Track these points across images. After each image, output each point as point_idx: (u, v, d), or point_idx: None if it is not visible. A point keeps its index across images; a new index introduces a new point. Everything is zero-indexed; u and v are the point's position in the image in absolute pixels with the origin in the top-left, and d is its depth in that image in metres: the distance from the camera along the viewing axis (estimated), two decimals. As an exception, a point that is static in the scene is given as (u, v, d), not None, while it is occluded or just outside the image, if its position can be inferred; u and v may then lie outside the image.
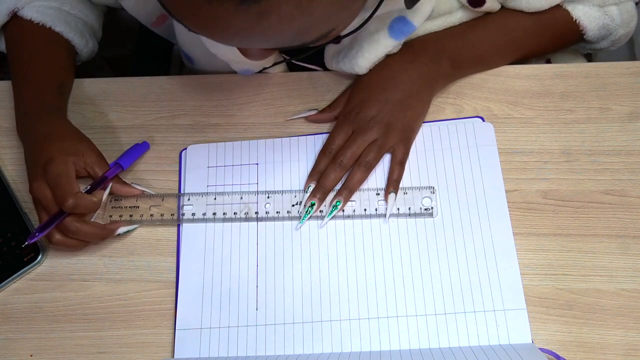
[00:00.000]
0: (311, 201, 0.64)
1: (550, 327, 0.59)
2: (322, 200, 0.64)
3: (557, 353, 0.57)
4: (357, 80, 0.69)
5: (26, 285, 0.65)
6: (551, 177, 0.65)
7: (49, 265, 0.65)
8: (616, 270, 0.61)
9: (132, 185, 0.67)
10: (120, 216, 0.66)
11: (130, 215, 0.65)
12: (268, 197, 0.66)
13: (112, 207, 0.66)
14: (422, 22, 0.64)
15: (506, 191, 0.64)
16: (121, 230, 0.65)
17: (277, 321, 0.61)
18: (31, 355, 0.61)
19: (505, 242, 0.62)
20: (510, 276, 0.60)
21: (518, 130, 0.68)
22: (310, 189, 0.64)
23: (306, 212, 0.63)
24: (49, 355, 0.61)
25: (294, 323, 0.60)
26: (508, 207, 0.63)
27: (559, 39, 0.72)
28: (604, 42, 0.73)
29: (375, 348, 0.59)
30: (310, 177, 0.65)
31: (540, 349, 0.56)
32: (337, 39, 0.65)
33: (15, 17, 0.71)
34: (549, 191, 0.65)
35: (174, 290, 0.63)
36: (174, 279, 0.64)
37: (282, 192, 0.66)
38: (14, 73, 0.71)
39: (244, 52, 0.51)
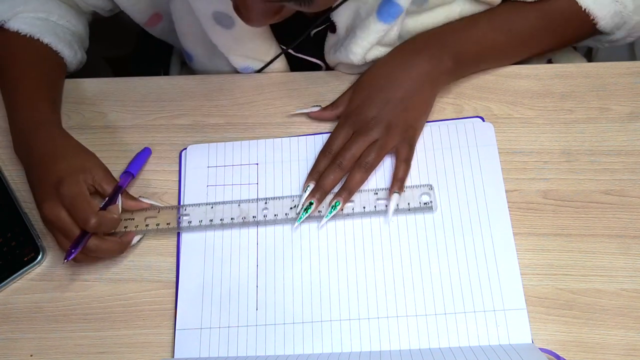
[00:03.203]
0: (309, 200, 0.63)
1: (550, 327, 0.59)
2: (320, 200, 0.63)
3: (557, 353, 0.57)
4: (359, 79, 0.69)
5: (26, 285, 0.65)
6: (551, 177, 0.65)
7: (49, 265, 0.65)
8: (616, 270, 0.61)
9: (140, 199, 0.65)
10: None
11: (125, 227, 0.64)
12: (266, 203, 0.65)
13: None
14: (409, 3, 0.63)
15: (506, 191, 0.64)
16: (135, 240, 0.64)
17: (277, 321, 0.61)
18: (31, 355, 0.61)
19: (505, 242, 0.62)
20: (510, 276, 0.60)
21: (518, 130, 0.68)
22: (309, 188, 0.64)
23: (304, 210, 0.63)
24: (49, 355, 0.61)
25: (294, 323, 0.60)
26: (508, 207, 0.63)
27: (569, 32, 0.69)
28: (620, 32, 0.70)
29: (375, 348, 0.59)
30: (310, 176, 0.65)
31: (540, 349, 0.56)
32: (333, 28, 0.66)
33: (1, 30, 0.69)
34: (549, 191, 0.65)
35: (174, 290, 0.63)
36: (174, 279, 0.64)
37: (281, 197, 0.65)
38: (4, 87, 0.69)
39: (245, 14, 0.49)
